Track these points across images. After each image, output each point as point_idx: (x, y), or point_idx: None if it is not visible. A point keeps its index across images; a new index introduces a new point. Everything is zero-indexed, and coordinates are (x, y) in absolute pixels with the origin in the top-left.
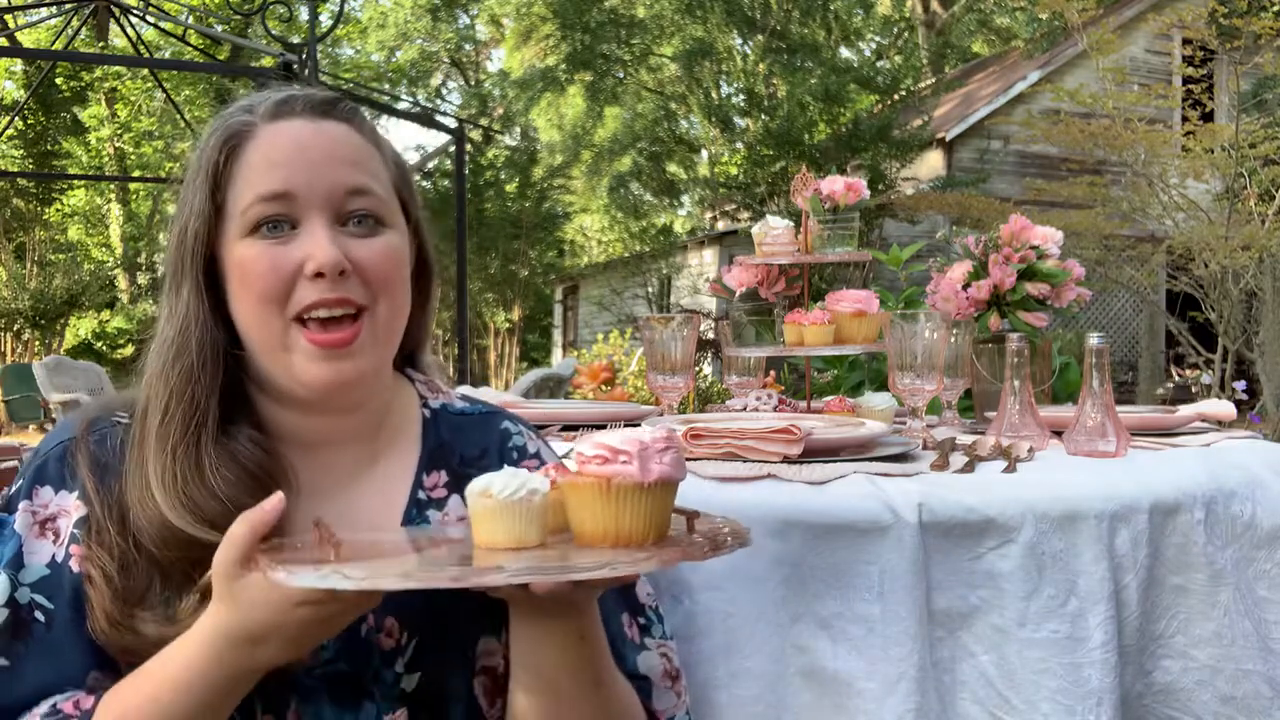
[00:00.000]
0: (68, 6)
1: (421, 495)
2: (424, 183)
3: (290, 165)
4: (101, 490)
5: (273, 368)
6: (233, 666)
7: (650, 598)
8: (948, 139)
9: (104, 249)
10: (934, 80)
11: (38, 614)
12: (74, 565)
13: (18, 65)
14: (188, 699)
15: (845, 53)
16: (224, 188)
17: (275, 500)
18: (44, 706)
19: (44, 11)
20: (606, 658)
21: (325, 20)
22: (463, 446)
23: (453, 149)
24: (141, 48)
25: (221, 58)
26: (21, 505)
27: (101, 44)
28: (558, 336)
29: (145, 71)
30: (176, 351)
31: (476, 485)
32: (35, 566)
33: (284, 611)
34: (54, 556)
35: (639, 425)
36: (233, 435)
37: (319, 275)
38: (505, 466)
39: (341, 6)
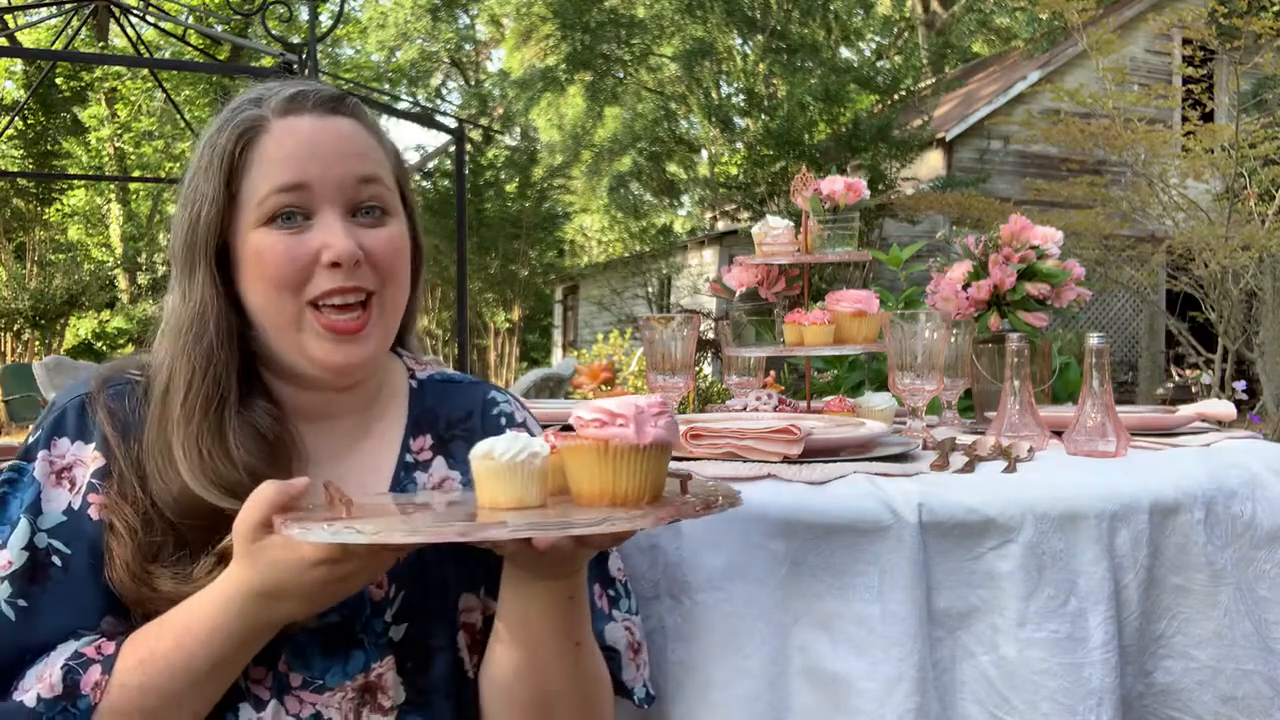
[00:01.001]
0: (68, 6)
1: (409, 458)
2: (424, 183)
3: (304, 159)
4: (123, 446)
5: (285, 347)
6: (253, 620)
7: (621, 572)
8: (948, 139)
9: (104, 249)
10: (934, 80)
11: (55, 559)
12: (93, 513)
13: (18, 65)
14: (209, 648)
15: (845, 53)
16: (239, 178)
17: (304, 480)
18: (66, 651)
19: (44, 11)
20: (587, 621)
21: (325, 20)
22: (448, 410)
23: (453, 149)
24: (141, 48)
25: (221, 58)
26: (40, 454)
27: (101, 44)
28: (558, 336)
29: (145, 71)
30: (197, 333)
31: (480, 448)
32: (53, 513)
33: (302, 572)
34: (70, 504)
35: None
36: (250, 407)
37: (335, 265)
38: (489, 429)
39: (341, 6)
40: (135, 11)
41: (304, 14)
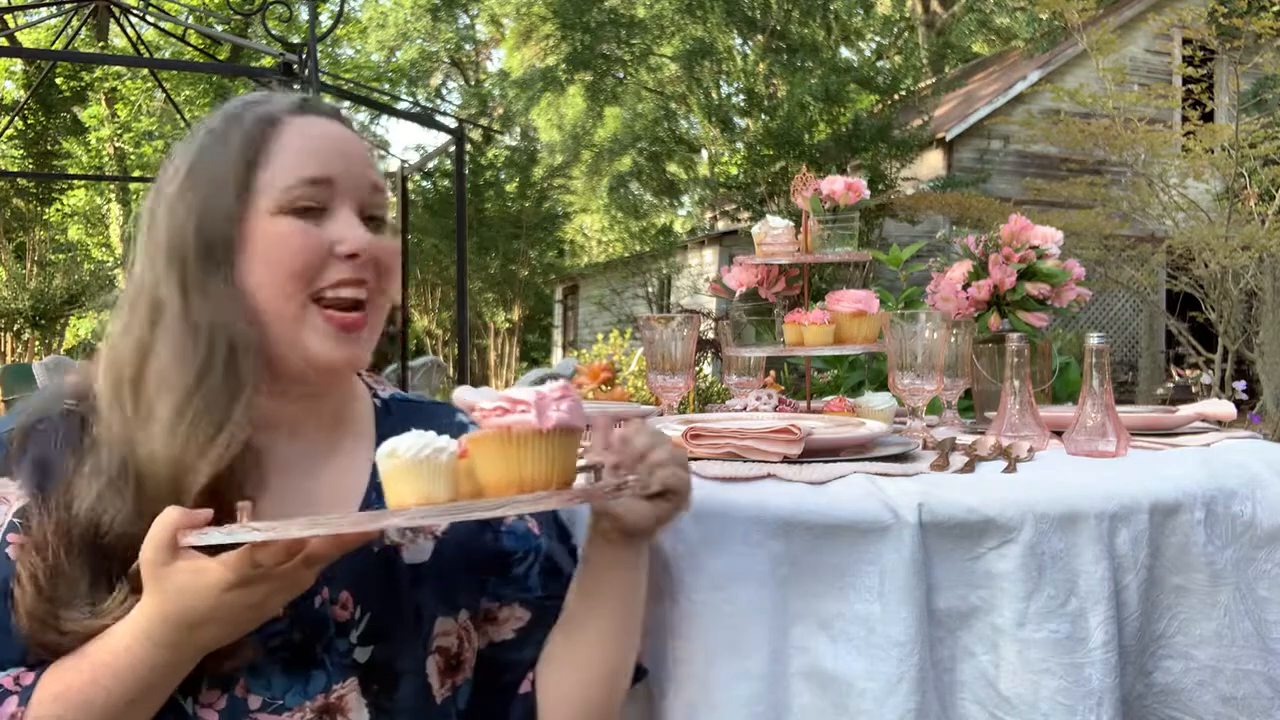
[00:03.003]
0: (68, 6)
1: (380, 480)
2: (424, 183)
3: (329, 154)
4: (42, 490)
5: (284, 340)
6: (171, 650)
7: None
8: (948, 139)
9: (104, 249)
10: (934, 80)
11: None
12: (10, 553)
13: (18, 65)
14: (127, 681)
15: (845, 53)
16: (257, 165)
17: (207, 511)
18: None
19: (44, 11)
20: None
21: (325, 20)
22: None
23: (453, 149)
24: (141, 48)
25: (221, 58)
26: None
27: (101, 44)
28: (558, 336)
29: (145, 71)
30: (224, 324)
31: (385, 447)
32: None
33: (213, 596)
34: None
35: None
36: None
37: (351, 256)
38: None
39: (341, 6)
40: (135, 11)
41: (304, 14)
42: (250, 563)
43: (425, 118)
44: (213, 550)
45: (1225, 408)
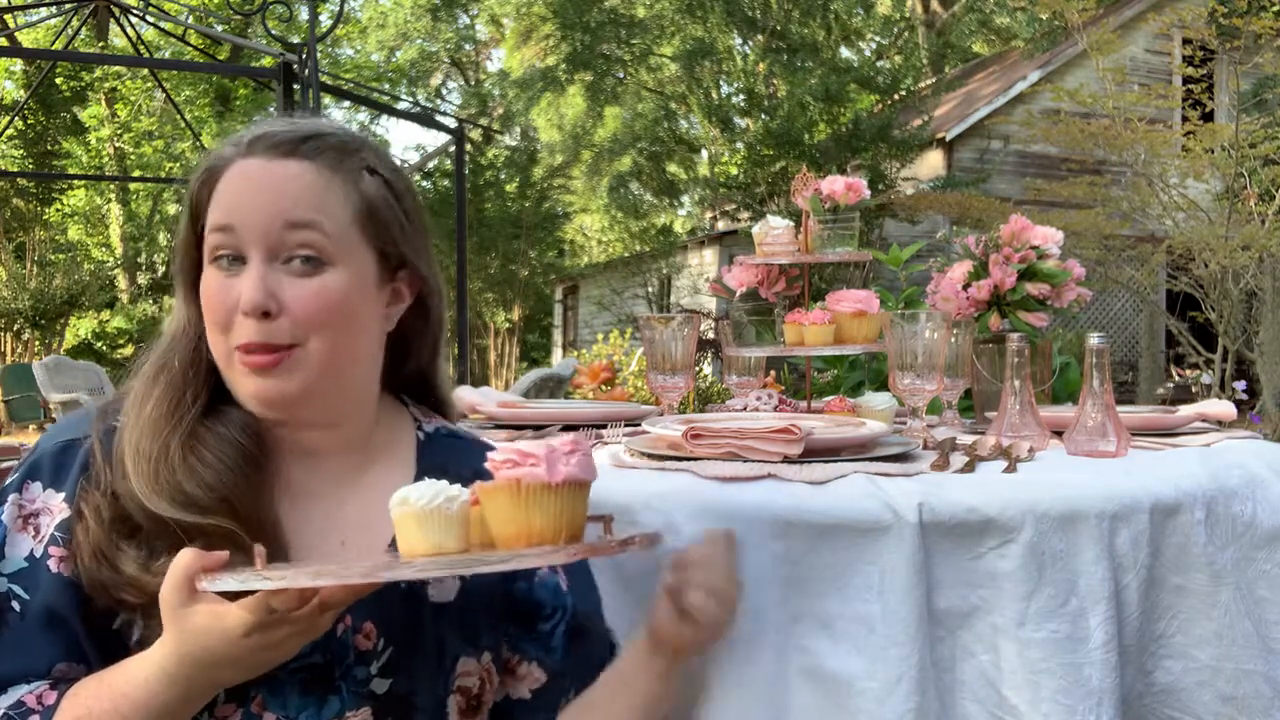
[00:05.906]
0: (68, 6)
1: None
2: (424, 183)
3: (239, 202)
4: (104, 454)
5: (228, 382)
6: (189, 687)
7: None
8: (948, 139)
9: (104, 249)
10: (934, 80)
11: (14, 604)
12: (51, 565)
13: (18, 65)
14: (145, 713)
15: (845, 53)
16: (200, 215)
17: (223, 554)
18: (10, 699)
19: (44, 11)
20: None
21: (325, 20)
22: (457, 466)
23: (453, 149)
24: (141, 48)
25: (221, 58)
26: (10, 498)
27: (101, 44)
28: (558, 336)
29: (145, 71)
30: (163, 353)
31: (397, 495)
32: (15, 559)
33: (230, 640)
34: (32, 551)
35: (639, 425)
36: (226, 415)
37: (246, 314)
38: None
39: (341, 6)
40: (135, 11)
41: (304, 14)
42: (266, 608)
43: (425, 118)
44: (231, 593)
45: (1225, 408)
